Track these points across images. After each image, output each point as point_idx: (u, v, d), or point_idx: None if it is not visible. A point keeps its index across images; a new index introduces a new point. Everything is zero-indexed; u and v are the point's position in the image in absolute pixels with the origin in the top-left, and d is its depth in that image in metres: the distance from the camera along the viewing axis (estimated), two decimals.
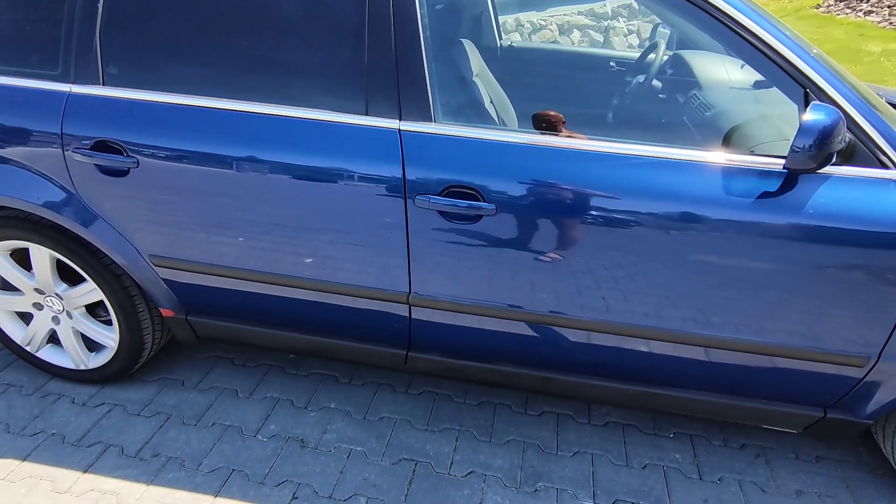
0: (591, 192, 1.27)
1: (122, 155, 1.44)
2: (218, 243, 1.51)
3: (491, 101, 1.77)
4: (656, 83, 2.24)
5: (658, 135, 1.79)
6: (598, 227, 1.28)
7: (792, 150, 1.12)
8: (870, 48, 8.06)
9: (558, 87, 2.54)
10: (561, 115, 1.42)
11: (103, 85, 1.45)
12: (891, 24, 9.54)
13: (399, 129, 1.34)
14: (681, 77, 2.17)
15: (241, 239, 1.48)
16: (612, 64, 2.68)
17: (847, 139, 1.20)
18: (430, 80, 1.33)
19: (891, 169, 1.20)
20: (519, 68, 2.70)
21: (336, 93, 1.36)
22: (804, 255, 1.22)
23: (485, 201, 1.31)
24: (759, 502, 1.52)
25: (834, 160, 1.18)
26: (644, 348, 1.42)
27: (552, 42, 7.39)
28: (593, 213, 1.28)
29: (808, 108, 1.11)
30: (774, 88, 1.28)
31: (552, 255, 1.33)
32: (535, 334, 1.47)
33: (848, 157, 1.22)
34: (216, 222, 1.47)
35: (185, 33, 1.40)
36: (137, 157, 1.44)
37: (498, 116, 1.76)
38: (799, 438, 1.73)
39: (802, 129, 1.09)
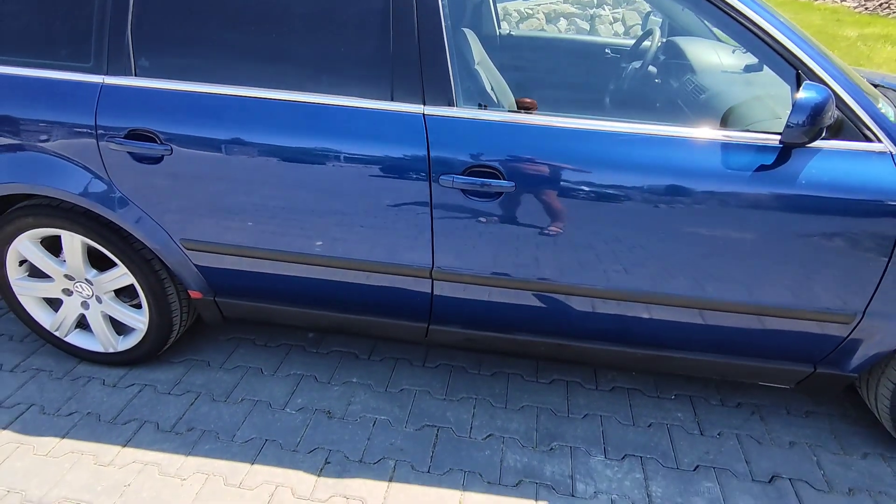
0: (602, 169, 1.38)
1: (156, 143, 1.51)
2: (247, 227, 1.59)
3: (492, 88, 1.87)
4: (652, 69, 2.35)
5: (654, 117, 1.90)
6: (609, 202, 1.39)
7: (787, 126, 1.24)
8: (846, 33, 8.27)
9: (555, 73, 2.64)
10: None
11: (135, 76, 1.52)
12: (866, 9, 9.78)
13: (424, 114, 1.43)
14: (675, 63, 2.28)
15: (269, 223, 1.56)
16: (607, 51, 2.78)
17: (835, 115, 1.32)
18: (453, 66, 1.42)
19: (874, 142, 1.33)
20: (517, 56, 2.79)
21: (363, 80, 1.44)
22: (797, 222, 1.34)
23: (504, 179, 1.41)
24: (755, 453, 1.66)
25: (824, 135, 1.30)
26: (649, 314, 1.54)
27: (539, 31, 7.47)
28: (605, 189, 1.39)
29: (801, 88, 1.23)
30: (765, 71, 1.39)
31: (567, 228, 1.44)
32: (550, 304, 1.58)
33: (836, 131, 1.34)
34: (245, 206, 1.55)
35: (215, 24, 1.47)
36: (171, 144, 1.51)
37: (498, 103, 1.85)
38: (790, 396, 1.87)
39: (797, 106, 1.21)
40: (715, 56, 2.15)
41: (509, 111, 1.47)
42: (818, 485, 1.57)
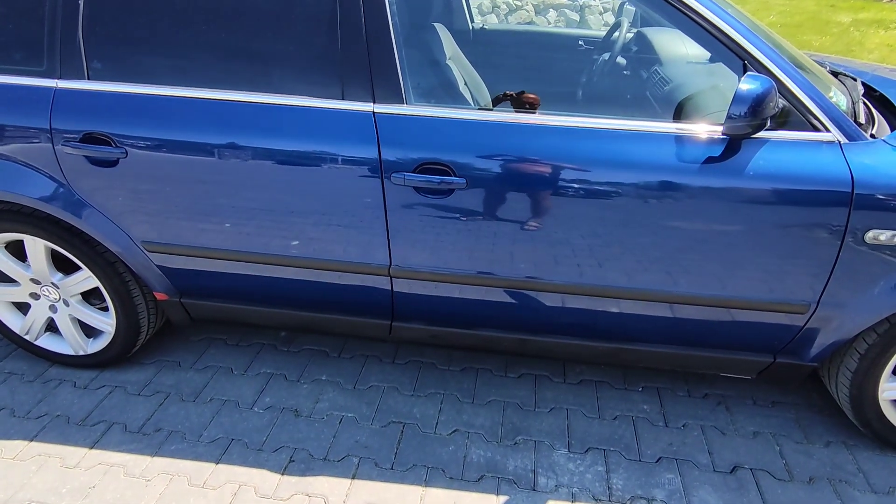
0: (552, 163, 1.38)
1: (111, 146, 1.51)
2: (207, 227, 1.59)
3: (465, 83, 1.86)
4: (621, 60, 2.34)
5: (623, 109, 1.89)
6: (560, 196, 1.39)
7: (728, 117, 1.24)
8: (840, 19, 8.22)
9: (529, 66, 2.63)
10: (536, 96, 1.52)
11: (88, 79, 1.52)
12: None
13: (374, 112, 1.43)
14: (644, 54, 2.28)
15: (228, 223, 1.57)
16: (580, 43, 2.77)
17: (780, 105, 1.31)
18: (402, 64, 1.42)
19: (822, 132, 1.32)
20: (491, 50, 2.78)
21: (313, 79, 1.44)
22: (747, 214, 1.34)
23: (456, 176, 1.41)
24: (718, 443, 1.67)
25: (769, 125, 1.29)
26: (612, 308, 1.54)
27: (527, 23, 7.43)
28: (555, 183, 1.39)
29: (742, 78, 1.22)
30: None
31: (521, 223, 1.44)
32: (511, 299, 1.58)
33: (783, 122, 1.33)
34: (204, 207, 1.55)
35: (165, 26, 1.47)
36: (125, 147, 1.51)
37: (473, 98, 1.85)
38: (756, 387, 1.87)
39: (737, 98, 1.21)
40: (682, 46, 2.14)
41: (456, 107, 1.47)
42: (779, 474, 1.57)
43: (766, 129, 1.30)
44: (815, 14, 8.38)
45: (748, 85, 1.20)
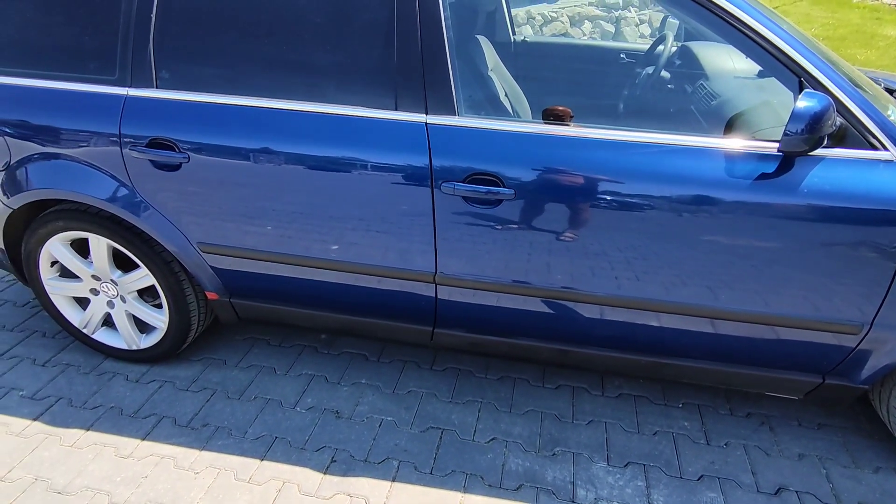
0: (600, 177, 1.39)
1: (175, 151, 1.59)
2: (259, 231, 1.65)
3: (506, 95, 1.89)
4: (665, 74, 2.33)
5: (667, 123, 1.90)
6: (608, 210, 1.40)
7: (785, 134, 1.23)
8: (885, 32, 7.98)
9: (571, 79, 2.65)
10: (569, 110, 1.54)
11: (157, 88, 1.60)
12: None
13: (426, 123, 1.47)
14: (688, 68, 2.27)
15: (279, 227, 1.63)
16: (622, 56, 2.77)
17: (838, 123, 1.30)
18: (454, 76, 1.46)
19: (879, 150, 1.31)
20: (532, 62, 2.81)
21: (368, 90, 1.49)
22: (800, 231, 1.33)
23: (504, 187, 1.43)
24: (762, 464, 1.64)
25: (826, 143, 1.28)
26: (654, 321, 1.54)
27: (563, 35, 7.44)
28: (603, 196, 1.40)
29: (800, 96, 1.22)
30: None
31: (566, 235, 1.45)
32: (553, 310, 1.59)
33: (840, 139, 1.32)
34: (258, 212, 1.62)
35: (228, 39, 1.54)
36: (188, 153, 1.58)
37: (513, 109, 1.88)
38: (802, 407, 1.83)
39: (794, 115, 1.20)
40: (728, 61, 2.13)
41: (508, 119, 1.50)
42: (826, 498, 1.54)
43: (823, 147, 1.29)
44: (859, 27, 8.16)
45: (806, 102, 1.20)
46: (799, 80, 1.32)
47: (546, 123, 1.48)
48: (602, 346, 1.64)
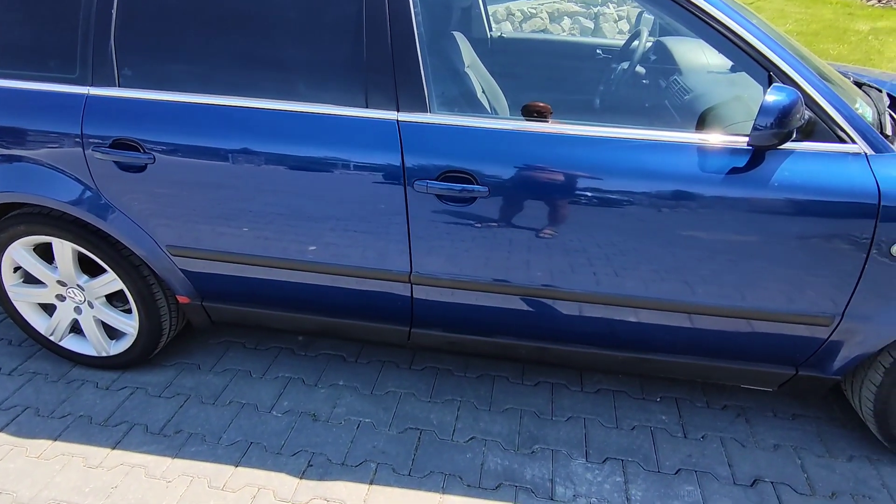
0: (574, 173, 1.38)
1: (139, 152, 1.55)
2: (230, 232, 1.62)
3: (483, 91, 1.87)
4: (640, 69, 2.34)
5: (642, 118, 1.90)
6: (582, 206, 1.39)
7: (754, 129, 1.23)
8: (857, 27, 8.13)
9: (547, 75, 2.64)
10: (549, 106, 1.52)
11: (119, 86, 1.55)
12: (879, 1, 9.61)
13: (397, 120, 1.44)
14: (663, 63, 2.28)
15: (250, 228, 1.59)
16: (598, 52, 2.78)
17: (807, 117, 1.31)
18: (426, 72, 1.43)
19: (847, 143, 1.32)
20: (509, 58, 2.80)
21: (338, 88, 1.46)
22: (771, 225, 1.33)
23: (478, 184, 1.42)
24: (738, 456, 1.65)
25: (795, 136, 1.29)
26: (631, 317, 1.54)
27: (542, 31, 7.46)
28: (577, 193, 1.39)
29: (768, 90, 1.22)
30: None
31: (541, 232, 1.44)
32: (530, 307, 1.58)
33: (809, 133, 1.33)
34: (228, 213, 1.58)
35: (194, 35, 1.50)
36: (154, 153, 1.54)
37: (490, 105, 1.86)
38: (777, 399, 1.85)
39: (763, 109, 1.21)
40: (702, 56, 2.14)
41: (480, 116, 1.48)
42: (801, 488, 1.55)
43: (792, 141, 1.29)
44: (831, 22, 8.31)
45: (775, 96, 1.20)
46: (768, 74, 1.33)
47: (519, 119, 1.47)
48: (580, 342, 1.64)
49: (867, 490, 1.55)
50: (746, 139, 1.31)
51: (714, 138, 1.36)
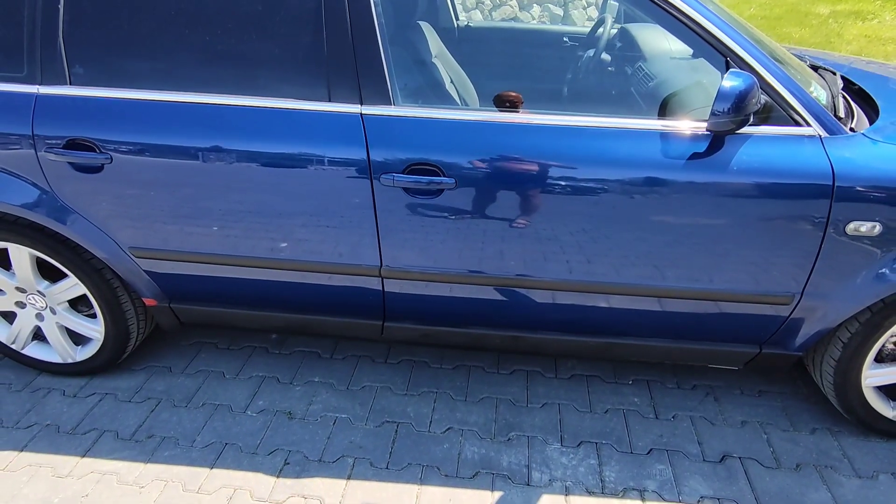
0: (540, 162, 1.39)
1: (95, 152, 1.50)
2: (195, 232, 1.58)
3: (451, 82, 1.86)
4: (605, 56, 2.35)
5: (609, 106, 1.91)
6: (548, 194, 1.40)
7: (712, 114, 1.25)
8: (818, 10, 8.32)
9: (515, 64, 2.64)
10: (521, 96, 1.52)
11: (70, 85, 1.50)
12: None
13: (361, 114, 1.42)
14: (628, 50, 2.29)
15: (216, 227, 1.56)
16: (565, 39, 2.78)
17: (763, 101, 1.34)
18: (388, 65, 1.42)
19: (803, 126, 1.35)
20: (477, 48, 2.78)
21: (299, 81, 1.44)
22: (731, 208, 1.36)
23: (445, 176, 1.41)
24: (708, 434, 1.70)
25: (752, 121, 1.31)
26: (602, 303, 1.56)
27: (511, 19, 7.44)
28: (544, 182, 1.40)
29: (725, 75, 1.24)
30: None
31: (510, 222, 1.45)
32: (502, 297, 1.59)
33: (766, 117, 1.36)
34: (191, 212, 1.54)
35: (147, 29, 1.45)
36: (110, 153, 1.49)
37: (459, 96, 1.85)
38: (744, 377, 1.91)
39: (720, 95, 1.23)
40: (665, 43, 2.16)
41: (445, 107, 1.47)
42: (767, 462, 1.61)
43: (749, 125, 1.32)
44: (794, 6, 8.48)
45: (731, 82, 1.22)
46: (725, 60, 1.35)
47: (483, 110, 1.46)
48: (551, 329, 1.66)
49: (829, 461, 1.61)
50: (705, 125, 1.33)
51: (675, 124, 1.38)
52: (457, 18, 2.82)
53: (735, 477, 1.56)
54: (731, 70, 1.25)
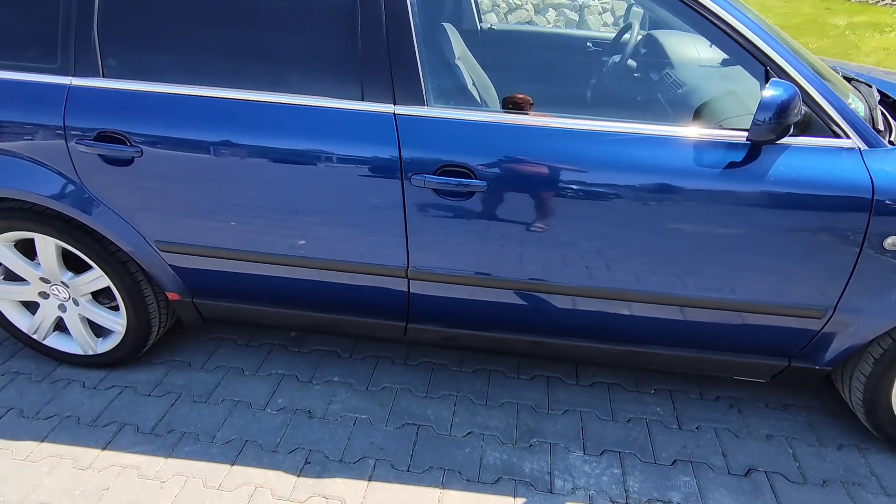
0: (573, 167, 1.38)
1: (126, 144, 1.50)
2: (221, 227, 1.58)
3: (473, 84, 1.85)
4: (631, 63, 2.34)
5: (634, 112, 1.89)
6: (581, 199, 1.39)
7: (754, 123, 1.24)
8: (836, 22, 8.27)
9: (538, 68, 2.63)
10: (529, 98, 1.50)
11: (103, 77, 1.50)
12: None
13: (394, 113, 1.42)
14: (654, 56, 2.28)
15: (243, 223, 1.56)
16: (588, 44, 2.77)
17: (803, 112, 1.32)
18: (422, 65, 1.41)
19: (842, 138, 1.33)
20: (499, 51, 2.77)
21: (332, 79, 1.43)
22: (767, 218, 1.35)
23: (476, 178, 1.40)
24: (732, 446, 1.68)
25: (791, 131, 1.30)
26: (627, 310, 1.55)
27: (527, 22, 7.43)
28: (575, 186, 1.38)
29: (767, 85, 1.23)
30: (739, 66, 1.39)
31: (538, 226, 1.43)
32: (527, 301, 1.58)
33: (804, 128, 1.34)
34: (220, 207, 1.54)
35: (182, 24, 1.45)
36: (141, 146, 1.49)
37: (481, 98, 1.84)
38: (769, 389, 1.89)
39: (762, 104, 1.21)
40: (693, 50, 2.15)
41: (479, 109, 1.47)
42: (793, 477, 1.58)
43: (789, 136, 1.30)
44: (812, 17, 8.43)
45: (773, 91, 1.21)
46: (765, 69, 1.33)
47: (518, 113, 1.45)
48: (576, 336, 1.64)
49: (856, 478, 1.58)
50: (745, 134, 1.31)
51: (712, 132, 1.36)
52: (480, 21, 2.82)
53: (761, 491, 1.54)
54: (772, 80, 1.24)
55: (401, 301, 1.65)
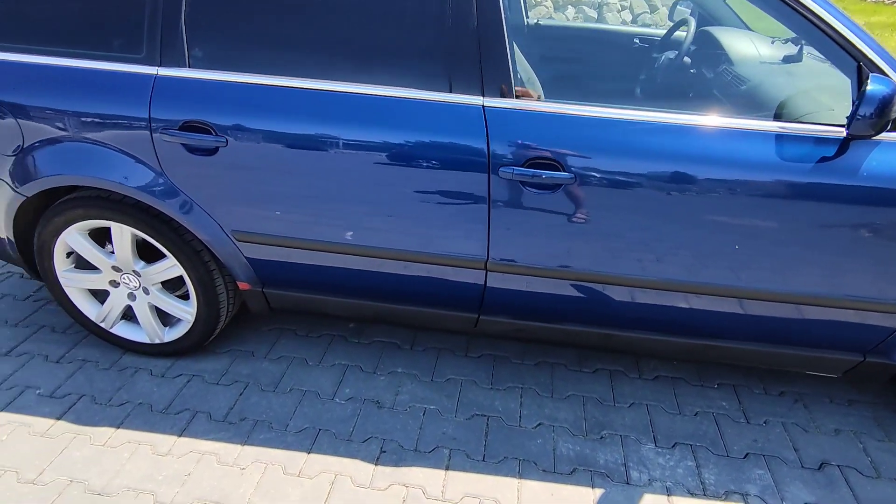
0: (662, 161, 1.38)
1: (211, 134, 1.51)
2: (300, 218, 1.59)
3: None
4: (687, 59, 2.34)
5: (698, 107, 1.90)
6: (668, 194, 1.40)
7: (856, 118, 1.24)
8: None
9: (589, 64, 2.63)
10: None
11: (189, 67, 1.51)
12: None
13: (483, 105, 1.43)
14: (709, 52, 2.28)
15: (322, 214, 1.57)
16: (635, 41, 2.77)
17: None
18: (512, 57, 1.42)
19: None
20: (546, 46, 2.78)
21: (419, 71, 1.44)
22: (856, 213, 1.35)
23: (564, 171, 1.41)
24: (802, 440, 1.69)
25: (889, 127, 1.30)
26: (707, 305, 1.55)
27: (547, 18, 7.41)
28: (663, 182, 1.39)
29: (868, 80, 1.23)
30: (805, 62, 1.39)
31: (624, 221, 1.44)
32: (602, 295, 1.59)
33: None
34: (299, 198, 1.55)
35: (269, 15, 1.46)
36: (226, 136, 1.50)
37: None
38: (831, 385, 1.89)
39: (866, 99, 1.22)
40: (752, 46, 2.15)
41: (568, 102, 1.47)
42: (867, 471, 1.60)
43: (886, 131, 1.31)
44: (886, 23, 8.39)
45: (876, 86, 1.21)
46: (858, 64, 1.34)
47: (606, 106, 1.45)
48: (650, 329, 1.65)
49: None
50: (841, 128, 1.32)
51: (806, 128, 1.37)
52: (527, 16, 2.82)
53: (836, 485, 1.55)
54: (873, 75, 1.24)
55: (475, 293, 1.66)
